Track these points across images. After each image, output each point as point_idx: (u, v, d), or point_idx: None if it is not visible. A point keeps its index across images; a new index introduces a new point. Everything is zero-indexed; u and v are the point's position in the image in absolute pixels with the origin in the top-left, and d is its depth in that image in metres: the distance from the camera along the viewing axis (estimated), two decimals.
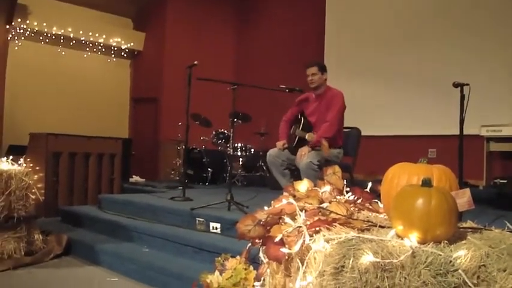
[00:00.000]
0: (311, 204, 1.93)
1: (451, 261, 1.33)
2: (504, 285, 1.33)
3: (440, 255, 1.35)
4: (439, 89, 6.12)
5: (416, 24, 7.44)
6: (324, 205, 1.91)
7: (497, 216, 3.57)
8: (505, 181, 5.11)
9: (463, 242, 1.49)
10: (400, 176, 1.74)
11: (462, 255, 1.34)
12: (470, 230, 1.66)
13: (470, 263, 1.33)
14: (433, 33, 7.20)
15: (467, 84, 3.53)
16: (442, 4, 7.20)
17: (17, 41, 8.68)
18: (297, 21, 9.42)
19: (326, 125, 4.53)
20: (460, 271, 1.31)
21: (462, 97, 3.55)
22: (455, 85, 3.56)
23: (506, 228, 1.71)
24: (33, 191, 4.15)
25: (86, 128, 7.97)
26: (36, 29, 8.78)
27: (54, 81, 9.14)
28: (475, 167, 5.99)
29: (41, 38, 8.95)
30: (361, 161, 5.14)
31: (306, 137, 4.51)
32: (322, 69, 4.74)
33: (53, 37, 9.09)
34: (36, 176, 4.26)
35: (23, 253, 4.03)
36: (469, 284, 1.30)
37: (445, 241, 1.44)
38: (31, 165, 4.31)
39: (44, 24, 8.83)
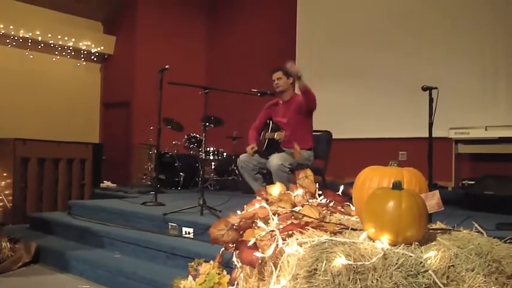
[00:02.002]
0: (284, 208, 1.94)
1: (421, 262, 1.36)
2: (472, 285, 1.36)
3: (411, 256, 1.37)
4: (410, 92, 6.22)
5: (387, 27, 7.54)
6: (297, 209, 1.93)
7: (465, 217, 3.65)
8: (473, 182, 5.23)
9: (433, 243, 1.52)
10: (372, 179, 1.77)
11: (432, 256, 1.37)
12: (439, 231, 1.70)
13: (440, 264, 1.36)
14: (404, 36, 7.31)
15: (436, 88, 3.59)
16: (414, 7, 7.31)
17: None
18: (269, 24, 9.46)
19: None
20: (430, 272, 1.34)
21: (431, 100, 3.61)
22: (424, 88, 3.62)
23: (474, 228, 1.75)
24: (1, 197, 4.06)
25: (56, 133, 7.83)
26: (3, 31, 8.58)
27: (22, 85, 8.95)
28: (444, 168, 6.11)
29: (7, 40, 8.75)
30: (333, 164, 5.18)
31: (275, 136, 4.53)
32: (287, 74, 4.80)
33: (21, 40, 8.90)
34: (3, 183, 4.19)
35: None
36: (439, 284, 1.33)
37: (416, 243, 1.47)
38: None
39: (11, 27, 8.64)
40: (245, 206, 2.07)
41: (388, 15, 7.57)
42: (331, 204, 2.09)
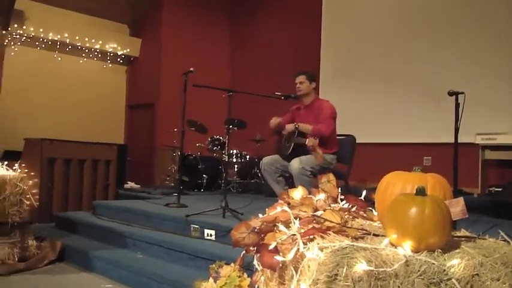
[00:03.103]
0: (305, 212, 1.93)
1: (444, 270, 1.33)
2: None
3: (434, 264, 1.35)
4: (435, 97, 6.15)
5: (411, 33, 7.48)
6: (318, 213, 1.92)
7: (491, 224, 3.59)
8: (500, 189, 5.12)
9: (457, 251, 1.49)
10: (395, 185, 1.74)
11: (456, 264, 1.35)
12: (464, 238, 1.67)
13: (463, 272, 1.33)
14: (429, 41, 7.24)
15: (463, 93, 3.54)
16: (437, 12, 7.23)
17: (13, 47, 8.66)
18: (293, 29, 9.45)
19: (321, 125, 4.54)
20: (453, 280, 1.31)
21: (457, 105, 3.56)
22: (451, 94, 3.57)
23: (500, 237, 1.71)
24: (28, 196, 4.13)
25: (82, 134, 7.95)
26: (33, 34, 8.77)
27: (50, 86, 9.13)
28: (470, 174, 6.01)
29: (37, 43, 8.95)
30: (356, 168, 5.14)
31: (306, 142, 4.48)
32: (311, 78, 4.82)
33: (49, 42, 9.08)
34: (30, 182, 4.25)
35: (16, 259, 4.01)
36: None
37: (439, 250, 1.45)
38: (26, 170, 4.29)
39: (41, 29, 8.83)
40: (267, 209, 2.07)
41: (414, 21, 7.50)
42: (354, 209, 2.08)
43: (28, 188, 4.16)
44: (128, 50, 10.21)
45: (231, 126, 4.98)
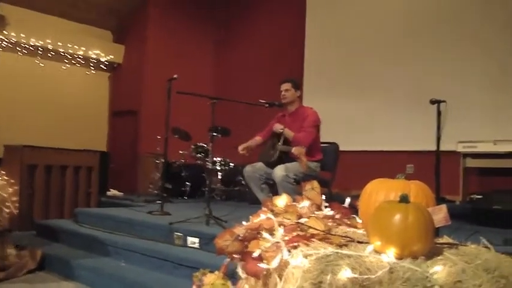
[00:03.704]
0: (289, 219, 1.94)
1: (427, 277, 1.34)
2: None
3: (417, 270, 1.36)
4: (418, 105, 6.19)
5: (394, 41, 7.56)
6: (303, 220, 1.92)
7: (473, 231, 3.62)
8: (481, 197, 5.18)
9: (440, 257, 1.51)
10: (378, 192, 1.76)
11: (439, 270, 1.36)
12: (446, 245, 1.68)
13: (446, 279, 1.34)
14: (412, 50, 7.32)
15: (444, 101, 3.60)
16: (421, 20, 7.32)
17: None
18: (277, 36, 9.49)
19: (302, 134, 4.57)
20: (436, 287, 1.32)
21: (439, 113, 3.61)
22: (433, 102, 3.62)
23: (481, 243, 1.73)
24: (8, 204, 4.07)
25: (64, 141, 7.86)
26: (14, 39, 8.67)
27: (31, 92, 9.02)
28: (452, 182, 6.07)
29: (18, 48, 8.84)
30: (340, 176, 5.16)
31: (293, 150, 4.47)
32: (296, 86, 4.87)
33: (31, 48, 8.98)
34: (11, 189, 4.19)
35: None
36: None
37: (422, 257, 1.46)
38: (6, 178, 4.23)
39: (22, 35, 8.73)
40: (251, 216, 2.07)
41: (396, 29, 7.59)
42: (338, 216, 2.08)
43: (8, 196, 4.10)
44: (112, 56, 10.15)
45: (214, 134, 4.96)
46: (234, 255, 1.96)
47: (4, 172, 4.33)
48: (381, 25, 7.80)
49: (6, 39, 8.59)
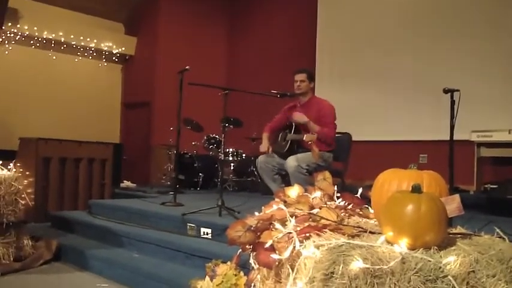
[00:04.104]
0: (301, 210, 1.93)
1: (440, 268, 1.33)
2: None
3: (430, 261, 1.35)
4: (431, 94, 6.14)
5: (407, 30, 7.49)
6: (315, 211, 1.91)
7: (487, 221, 3.59)
8: (495, 186, 5.13)
9: (453, 248, 1.49)
10: (391, 182, 1.74)
11: (452, 261, 1.35)
12: (460, 235, 1.67)
13: (459, 269, 1.33)
14: (425, 39, 7.24)
15: (458, 90, 3.55)
16: (434, 9, 7.24)
17: (7, 45, 8.63)
18: (289, 26, 9.45)
19: (326, 130, 4.54)
20: (449, 277, 1.31)
21: (452, 103, 3.57)
22: (446, 91, 3.58)
23: (495, 233, 1.72)
24: (23, 196, 4.12)
25: (77, 133, 7.93)
26: (27, 33, 8.74)
27: (45, 85, 9.10)
28: (466, 172, 6.02)
29: (31, 42, 8.92)
30: (352, 166, 5.14)
31: (304, 138, 4.43)
32: (310, 77, 4.82)
33: (44, 41, 9.05)
34: (26, 181, 4.24)
35: (12, 259, 4.00)
36: None
37: (435, 247, 1.45)
38: (21, 170, 4.27)
39: (35, 28, 8.80)
40: (263, 207, 2.07)
41: (409, 18, 7.52)
42: (350, 206, 2.08)
43: (23, 188, 4.14)
44: (123, 48, 10.19)
45: (226, 125, 4.97)
46: (246, 246, 1.97)
47: (19, 164, 4.37)
48: (394, 15, 7.72)
49: (19, 33, 8.66)
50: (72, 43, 9.41)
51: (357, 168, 5.62)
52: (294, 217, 1.84)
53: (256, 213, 2.00)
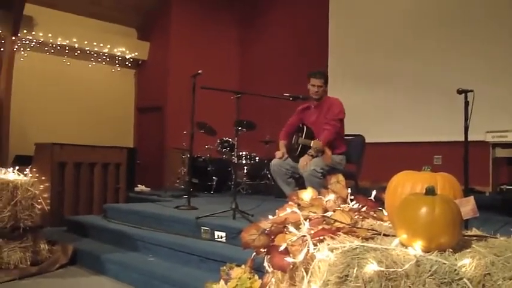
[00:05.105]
0: (315, 213, 1.93)
1: (455, 270, 1.33)
2: None
3: (445, 263, 1.34)
4: (444, 95, 6.07)
5: (420, 31, 7.44)
6: (328, 214, 1.91)
7: (503, 223, 3.56)
8: (511, 187, 5.08)
9: (468, 250, 1.48)
10: (404, 184, 1.74)
11: (467, 263, 1.34)
12: (475, 238, 1.66)
13: (475, 272, 1.32)
14: (438, 39, 7.20)
15: (472, 91, 3.52)
16: (447, 10, 7.20)
17: (22, 52, 8.74)
18: (301, 29, 9.45)
19: (327, 130, 4.55)
20: (465, 280, 1.31)
21: (466, 103, 3.54)
22: (460, 92, 3.55)
23: (511, 236, 1.70)
24: (39, 201, 4.16)
25: (91, 138, 8.00)
26: (42, 39, 8.85)
27: (59, 91, 9.19)
28: (481, 173, 5.96)
29: (46, 48, 9.03)
30: (366, 168, 5.12)
31: (311, 144, 4.50)
32: (326, 81, 4.85)
33: (58, 47, 9.15)
34: (42, 186, 4.28)
35: (29, 263, 4.04)
36: None
37: (450, 249, 1.44)
38: (37, 175, 4.32)
39: (49, 35, 8.90)
40: (277, 210, 2.07)
41: (423, 19, 7.47)
42: (363, 209, 2.07)
43: (39, 193, 4.19)
44: (136, 53, 10.27)
45: (240, 128, 4.98)
46: (261, 249, 1.97)
47: (35, 170, 4.43)
48: (407, 15, 7.69)
49: (34, 40, 8.77)
50: (86, 49, 9.51)
51: (371, 170, 5.60)
52: (307, 220, 1.84)
53: (270, 217, 2.00)
